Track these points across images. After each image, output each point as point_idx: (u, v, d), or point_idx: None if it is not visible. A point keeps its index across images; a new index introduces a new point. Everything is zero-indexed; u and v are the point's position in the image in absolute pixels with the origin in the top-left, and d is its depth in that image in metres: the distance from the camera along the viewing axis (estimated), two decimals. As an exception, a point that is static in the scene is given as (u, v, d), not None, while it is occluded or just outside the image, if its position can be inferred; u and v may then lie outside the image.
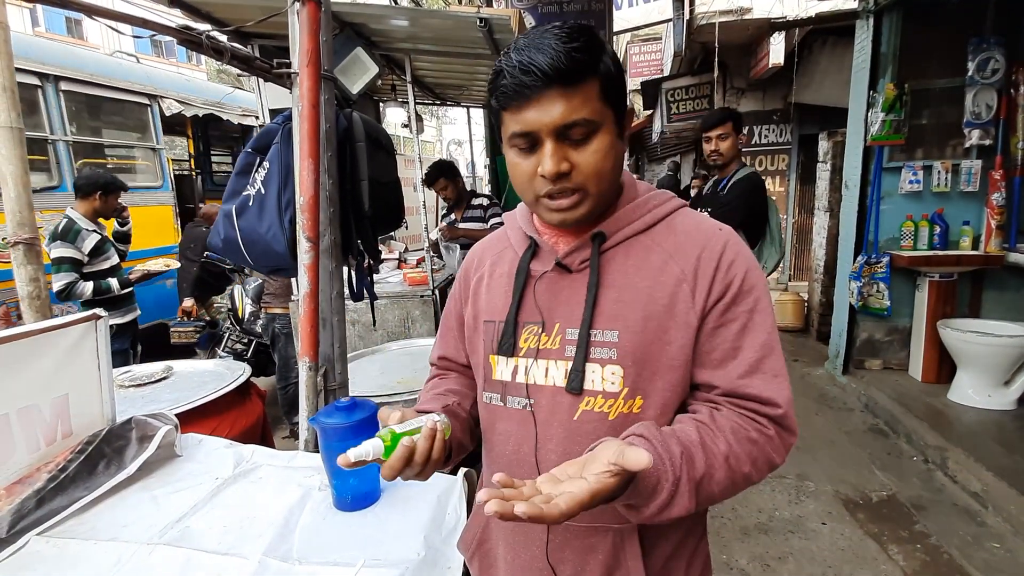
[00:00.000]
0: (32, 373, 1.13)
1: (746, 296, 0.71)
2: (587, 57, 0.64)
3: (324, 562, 0.94)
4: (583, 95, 0.65)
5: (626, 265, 0.74)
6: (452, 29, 3.02)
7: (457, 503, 1.13)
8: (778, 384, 0.70)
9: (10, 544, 0.99)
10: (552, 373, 0.75)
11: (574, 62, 0.63)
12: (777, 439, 0.69)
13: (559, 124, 0.65)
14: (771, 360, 0.70)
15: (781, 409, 0.69)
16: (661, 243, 0.75)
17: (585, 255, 0.75)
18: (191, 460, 1.31)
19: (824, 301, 5.17)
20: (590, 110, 0.65)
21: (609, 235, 0.75)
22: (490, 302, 0.83)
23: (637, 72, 10.99)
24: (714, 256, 0.72)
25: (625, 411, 0.72)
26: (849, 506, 2.67)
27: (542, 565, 0.77)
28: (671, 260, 0.73)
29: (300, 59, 1.39)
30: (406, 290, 3.43)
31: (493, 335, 0.80)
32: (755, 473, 0.68)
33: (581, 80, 0.65)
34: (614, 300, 0.72)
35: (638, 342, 0.71)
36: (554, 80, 0.63)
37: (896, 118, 3.78)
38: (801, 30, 5.63)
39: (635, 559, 0.74)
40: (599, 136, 0.67)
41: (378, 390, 2.02)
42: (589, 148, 0.67)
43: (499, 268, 0.84)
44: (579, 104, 0.65)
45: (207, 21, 2.70)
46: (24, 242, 1.50)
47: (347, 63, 2.73)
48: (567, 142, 0.67)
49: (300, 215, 1.43)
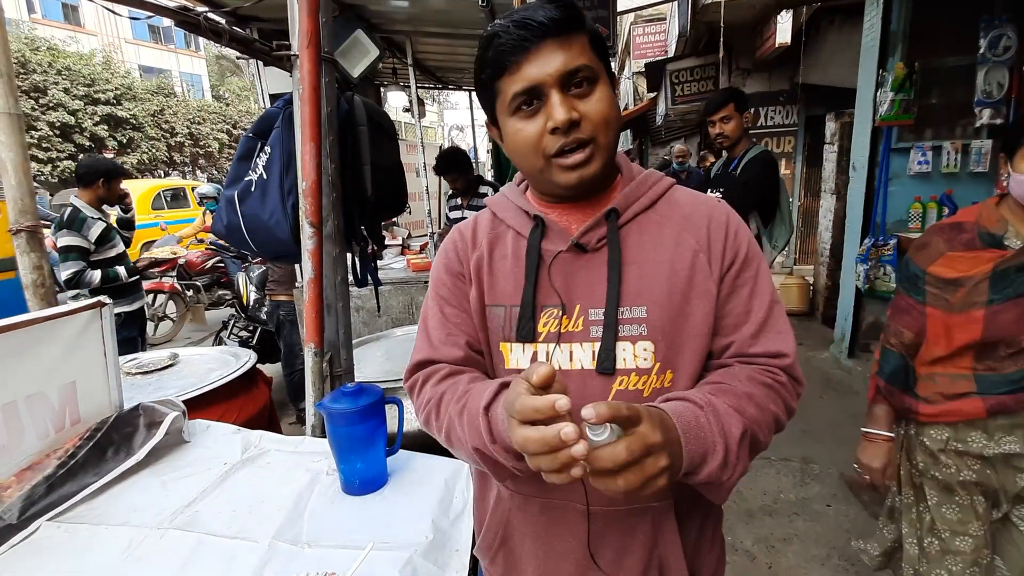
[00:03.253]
0: (39, 361, 1.13)
1: (751, 262, 0.74)
2: (578, 16, 0.68)
3: (333, 545, 0.94)
4: (580, 45, 0.67)
5: (642, 240, 0.74)
6: (453, 10, 2.98)
7: (464, 487, 1.13)
8: (784, 338, 0.73)
9: (21, 529, 1.00)
10: (578, 356, 0.73)
11: (567, 14, 0.66)
12: (789, 385, 0.73)
13: (563, 71, 0.66)
14: (775, 318, 0.74)
15: (789, 359, 0.72)
16: (669, 216, 0.75)
17: (601, 232, 0.74)
18: (199, 446, 1.32)
19: (830, 284, 5.13)
20: (588, 57, 0.68)
21: (621, 211, 0.74)
22: (495, 286, 0.77)
23: (641, 54, 10.84)
24: (721, 225, 0.75)
25: (658, 386, 0.72)
26: (854, 488, 2.67)
27: (580, 555, 0.75)
28: (684, 232, 0.74)
29: (300, 41, 1.37)
30: (410, 276, 3.43)
31: (505, 321, 0.76)
32: (781, 412, 0.71)
33: (575, 31, 0.67)
34: (637, 276, 0.72)
35: (666, 316, 0.71)
36: (551, 30, 0.65)
37: (905, 98, 3.71)
38: (808, 8, 5.53)
39: (673, 534, 0.75)
40: (600, 85, 0.69)
41: (384, 376, 2.03)
42: (594, 96, 0.68)
43: (499, 250, 0.79)
44: (578, 52, 0.67)
45: (204, 3, 2.66)
46: (27, 229, 1.49)
47: (347, 46, 2.69)
48: (571, 94, 0.67)
49: (303, 200, 1.42)
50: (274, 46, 1.57)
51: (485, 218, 0.84)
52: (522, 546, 0.82)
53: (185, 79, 25.45)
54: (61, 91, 15.14)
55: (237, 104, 23.59)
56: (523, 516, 0.81)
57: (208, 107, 21.65)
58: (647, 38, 10.96)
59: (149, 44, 25.20)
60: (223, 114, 21.63)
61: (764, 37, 6.25)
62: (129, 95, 17.43)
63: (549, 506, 0.78)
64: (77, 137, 15.45)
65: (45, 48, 15.91)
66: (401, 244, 4.65)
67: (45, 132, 14.54)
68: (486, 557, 0.88)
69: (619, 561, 0.76)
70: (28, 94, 14.30)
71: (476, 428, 0.65)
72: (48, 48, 16.05)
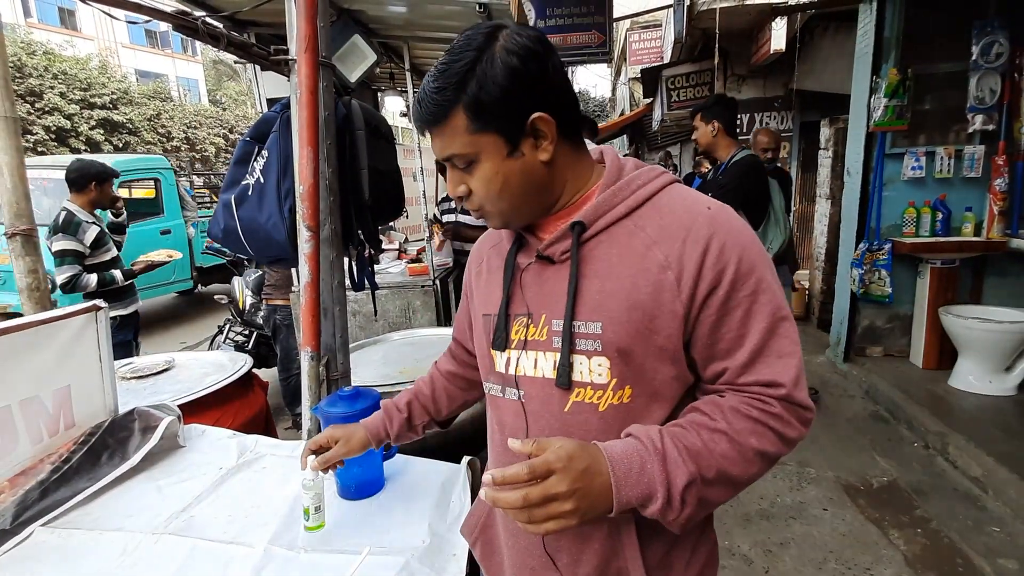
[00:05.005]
0: (33, 365, 1.13)
1: (745, 280, 0.67)
2: (450, 95, 0.67)
3: (329, 550, 0.94)
4: (450, 132, 0.70)
5: (610, 254, 0.71)
6: (451, 16, 2.98)
7: (461, 491, 1.13)
8: (783, 364, 0.68)
9: (15, 535, 0.99)
10: (541, 364, 0.75)
11: (435, 105, 0.68)
12: (785, 414, 0.68)
13: (441, 157, 0.73)
14: (776, 341, 0.68)
15: (784, 389, 0.67)
16: (644, 227, 0.71)
17: (566, 245, 0.73)
18: (194, 450, 1.31)
19: (825, 288, 5.16)
20: (460, 144, 0.70)
21: (589, 224, 0.72)
22: (487, 295, 0.84)
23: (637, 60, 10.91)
24: (700, 240, 0.67)
25: (615, 402, 0.71)
26: (850, 492, 2.68)
27: (540, 552, 0.78)
28: (654, 246, 0.69)
29: (298, 45, 1.37)
30: (407, 280, 3.42)
31: (490, 329, 0.80)
32: (768, 445, 0.67)
33: (444, 119, 0.69)
34: (597, 291, 0.70)
35: (623, 332, 0.68)
36: (427, 124, 0.71)
37: (899, 104, 3.75)
38: (803, 15, 5.57)
39: (632, 549, 0.73)
40: (480, 164, 0.71)
41: (380, 380, 2.02)
42: (475, 176, 0.72)
43: (494, 261, 0.85)
44: (449, 140, 0.70)
45: (202, 8, 2.66)
46: (22, 233, 1.48)
47: (345, 51, 2.69)
48: (459, 170, 0.73)
49: (300, 204, 1.42)
50: (272, 50, 1.58)
51: (490, 232, 0.91)
52: (499, 536, 0.87)
53: (182, 83, 25.43)
54: (57, 95, 15.09)
55: (234, 108, 23.55)
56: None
57: (205, 111, 21.60)
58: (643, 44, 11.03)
59: (146, 48, 25.18)
60: (219, 118, 21.59)
61: (759, 43, 6.30)
62: (125, 99, 17.38)
63: None
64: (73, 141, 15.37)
65: (41, 52, 15.88)
66: (398, 248, 4.65)
67: (41, 136, 14.48)
68: (469, 537, 0.93)
69: (575, 567, 0.76)
70: (24, 98, 14.24)
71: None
72: (44, 52, 16.01)
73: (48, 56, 15.94)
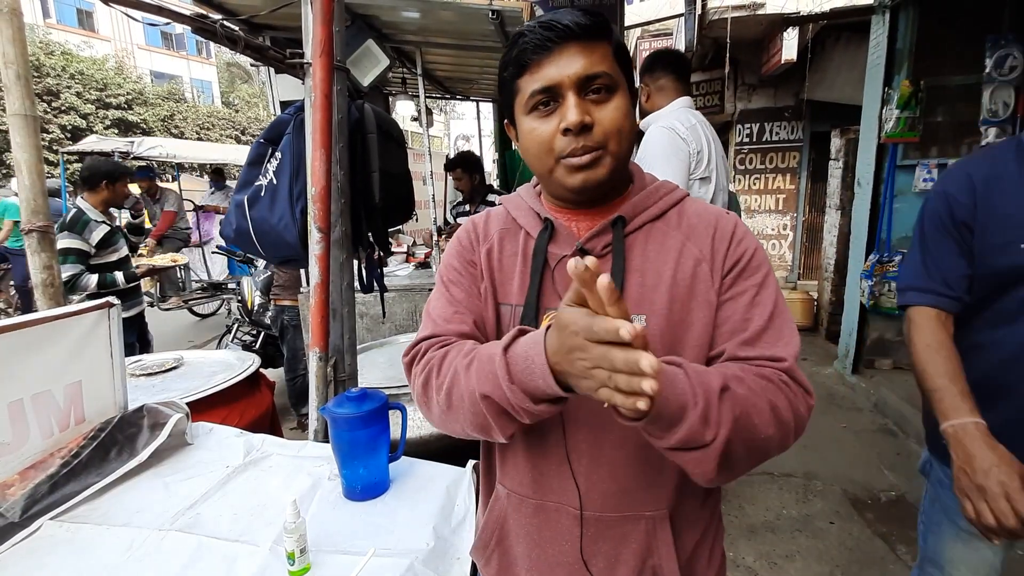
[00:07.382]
0: (46, 360, 1.14)
1: (754, 272, 0.73)
2: (604, 27, 0.69)
3: (334, 551, 0.94)
4: (601, 52, 0.68)
5: (647, 249, 0.74)
6: (463, 21, 3.01)
7: (466, 494, 1.13)
8: (784, 344, 0.69)
9: (24, 528, 1.00)
10: None
11: (593, 21, 0.67)
12: (794, 387, 0.66)
13: (582, 75, 0.67)
14: (777, 328, 0.71)
15: (786, 362, 0.68)
16: (676, 227, 0.76)
17: (607, 240, 0.74)
18: (202, 448, 1.32)
19: (834, 300, 5.11)
20: (609, 66, 0.69)
21: (629, 220, 0.75)
22: (503, 282, 0.79)
23: (647, 68, 10.87)
24: (726, 235, 0.74)
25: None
26: (857, 505, 2.65)
27: (572, 559, 0.75)
28: (688, 242, 0.74)
29: (313, 49, 1.38)
30: (414, 283, 3.43)
31: (511, 320, 0.77)
32: (781, 403, 0.64)
33: (599, 38, 0.68)
34: (638, 285, 0.72)
35: (665, 326, 0.71)
36: (575, 34, 0.67)
37: (911, 115, 3.73)
38: (815, 25, 5.56)
39: (667, 545, 0.74)
40: (618, 95, 0.70)
41: (387, 382, 2.03)
42: (610, 105, 0.69)
43: (508, 247, 0.80)
44: (599, 59, 0.68)
45: (219, 12, 2.70)
46: (39, 229, 1.51)
47: (358, 55, 2.73)
48: (588, 99, 0.68)
49: (311, 206, 1.43)
50: (287, 54, 1.60)
51: (498, 214, 0.85)
52: (516, 548, 0.82)
53: (195, 85, 25.75)
54: (74, 95, 15.35)
55: (246, 111, 23.81)
56: (518, 517, 0.80)
57: (217, 113, 21.87)
58: (654, 52, 11.02)
59: (161, 50, 25.52)
60: (232, 120, 21.84)
61: (770, 53, 6.29)
62: (140, 100, 17.64)
63: (543, 508, 0.78)
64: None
65: (59, 52, 16.15)
66: (406, 251, 4.67)
67: (57, 135, 14.70)
68: (481, 557, 0.87)
69: (611, 570, 0.75)
70: (41, 97, 14.48)
71: (489, 373, 0.63)
72: (62, 52, 16.29)
73: (66, 56, 16.22)
